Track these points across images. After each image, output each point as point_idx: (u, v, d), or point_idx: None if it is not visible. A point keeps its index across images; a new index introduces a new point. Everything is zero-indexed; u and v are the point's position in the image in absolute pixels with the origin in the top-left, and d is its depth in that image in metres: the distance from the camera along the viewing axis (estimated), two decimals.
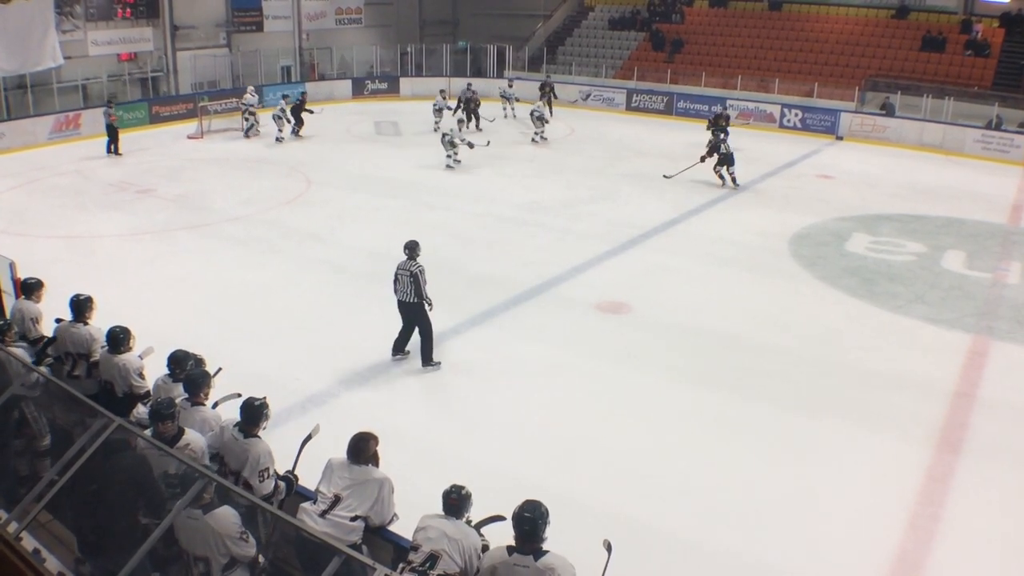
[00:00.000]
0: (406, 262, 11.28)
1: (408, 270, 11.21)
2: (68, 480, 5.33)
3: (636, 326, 13.32)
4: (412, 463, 8.72)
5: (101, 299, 8.85)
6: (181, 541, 5.30)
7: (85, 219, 18.89)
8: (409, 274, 11.19)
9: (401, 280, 11.27)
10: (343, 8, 39.60)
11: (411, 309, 11.37)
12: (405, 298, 11.31)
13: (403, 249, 11.40)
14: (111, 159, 24.68)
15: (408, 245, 11.44)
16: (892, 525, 8.47)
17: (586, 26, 40.67)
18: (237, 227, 18.21)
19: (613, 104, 34.48)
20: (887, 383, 11.45)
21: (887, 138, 28.53)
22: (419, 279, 11.19)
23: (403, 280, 11.25)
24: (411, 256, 11.33)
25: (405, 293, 11.27)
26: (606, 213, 19.40)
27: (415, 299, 11.25)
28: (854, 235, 17.93)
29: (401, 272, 11.27)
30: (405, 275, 11.23)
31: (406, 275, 11.21)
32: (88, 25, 29.87)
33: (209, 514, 5.22)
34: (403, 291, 11.28)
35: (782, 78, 32.39)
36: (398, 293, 11.34)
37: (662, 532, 8.27)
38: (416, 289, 11.20)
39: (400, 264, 11.31)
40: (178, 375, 7.44)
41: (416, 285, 11.19)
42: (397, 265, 11.33)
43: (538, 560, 5.18)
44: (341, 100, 36.02)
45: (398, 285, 11.31)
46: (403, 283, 11.26)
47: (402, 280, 11.26)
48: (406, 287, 11.23)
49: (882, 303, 14.33)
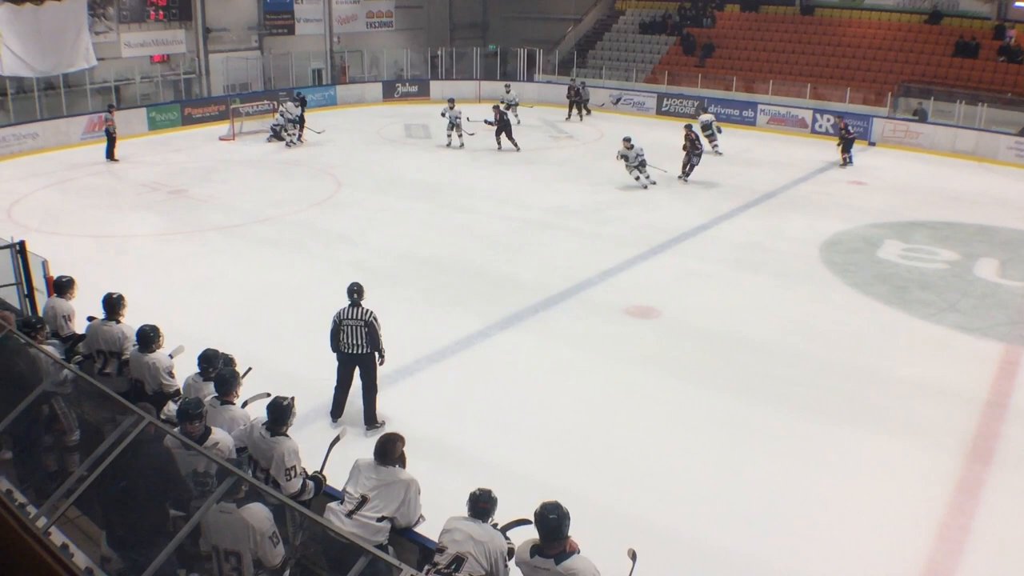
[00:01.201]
0: (354, 310, 9.94)
1: (361, 320, 9.90)
2: (97, 476, 5.36)
3: (665, 331, 13.27)
4: (438, 465, 8.74)
5: (131, 298, 8.94)
6: (211, 538, 5.31)
7: (117, 219, 19.08)
8: (364, 324, 9.89)
9: (350, 330, 9.92)
10: (374, 11, 39.79)
11: (362, 361, 10.10)
12: (355, 350, 9.98)
13: (348, 295, 10.07)
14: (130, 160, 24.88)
15: (355, 289, 10.08)
16: (920, 535, 8.38)
17: (617, 30, 40.59)
18: (267, 228, 18.31)
19: (643, 108, 34.39)
20: (918, 392, 11.34)
21: (920, 144, 28.28)
22: (375, 328, 9.94)
23: (353, 331, 9.92)
24: (357, 303, 10.00)
25: (356, 345, 9.94)
26: (635, 217, 19.35)
27: (367, 350, 10.02)
28: (886, 242, 17.77)
29: (350, 323, 9.92)
30: (357, 325, 9.91)
31: (358, 325, 9.91)
32: (121, 27, 30.23)
33: (244, 508, 5.22)
34: (352, 343, 9.94)
35: (814, 83, 32.18)
36: (343, 346, 9.98)
37: (686, 538, 8.23)
38: (372, 340, 9.96)
39: (344, 313, 9.95)
40: (209, 373, 7.50)
41: (372, 335, 9.94)
42: (338, 315, 9.96)
43: (559, 564, 5.17)
44: (371, 103, 36.19)
45: (343, 336, 9.93)
46: (353, 334, 9.92)
47: (351, 331, 9.92)
48: (357, 338, 9.92)
49: (914, 311, 14.19)
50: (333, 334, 9.96)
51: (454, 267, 15.72)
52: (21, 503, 5.31)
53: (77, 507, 5.65)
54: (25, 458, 6.90)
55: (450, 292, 14.14)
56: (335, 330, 9.94)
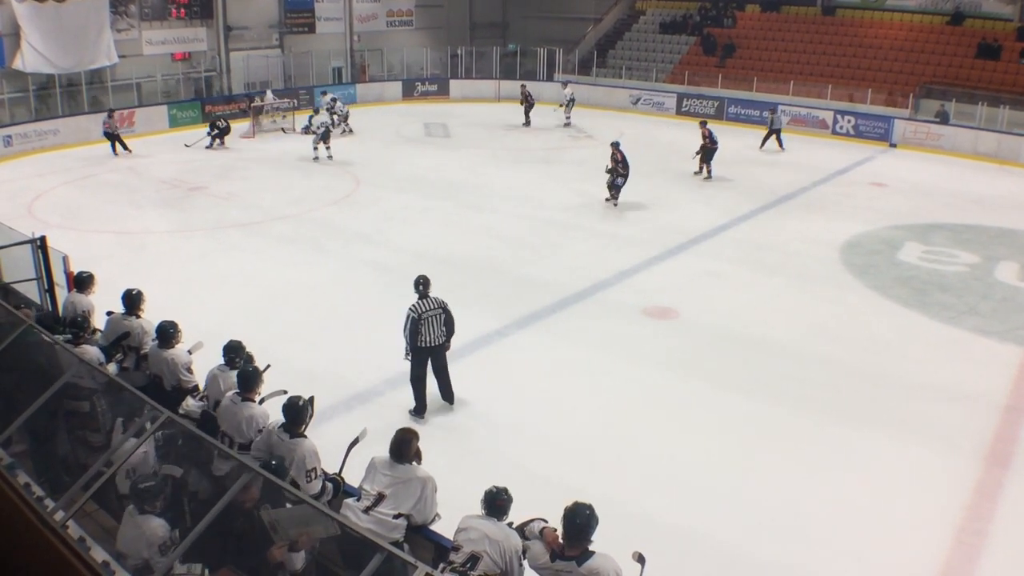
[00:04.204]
0: (428, 301, 9.98)
1: (439, 308, 10.01)
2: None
3: (683, 332, 13.23)
4: (454, 463, 8.74)
5: (150, 294, 9.00)
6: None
7: (137, 215, 19.18)
8: (442, 310, 10.03)
9: (429, 323, 9.94)
10: (394, 10, 39.88)
11: (438, 350, 10.24)
12: (435, 341, 10.07)
13: (418, 287, 10.10)
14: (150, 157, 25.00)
15: (423, 282, 10.10)
16: (938, 540, 8.33)
17: (637, 30, 40.49)
18: (286, 226, 18.37)
19: (663, 108, 34.28)
20: (937, 395, 11.26)
21: (941, 146, 28.08)
22: (450, 313, 10.15)
23: (434, 322, 9.97)
24: (426, 294, 10.03)
25: (436, 336, 10.04)
26: (653, 218, 19.31)
27: (445, 339, 10.19)
28: (906, 244, 17.66)
29: (429, 315, 9.93)
30: (436, 315, 9.98)
31: (437, 314, 9.99)
32: (142, 25, 30.42)
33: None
34: (433, 335, 10.01)
35: (835, 84, 32.01)
36: (423, 341, 9.97)
37: (702, 540, 8.21)
38: (449, 325, 10.16)
39: (421, 307, 9.94)
40: (236, 363, 7.55)
41: (450, 320, 10.14)
42: (415, 310, 9.91)
43: (582, 565, 5.17)
44: (391, 101, 36.28)
45: (424, 330, 9.92)
46: (434, 325, 9.98)
47: (431, 322, 9.95)
48: (437, 329, 10.02)
49: (933, 314, 14.10)
50: (414, 332, 9.94)
51: (472, 266, 15.72)
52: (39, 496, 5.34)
53: (94, 501, 5.68)
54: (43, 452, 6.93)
55: (468, 291, 14.13)
56: (415, 327, 9.91)
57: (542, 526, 5.63)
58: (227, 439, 6.90)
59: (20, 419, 5.89)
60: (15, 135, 24.96)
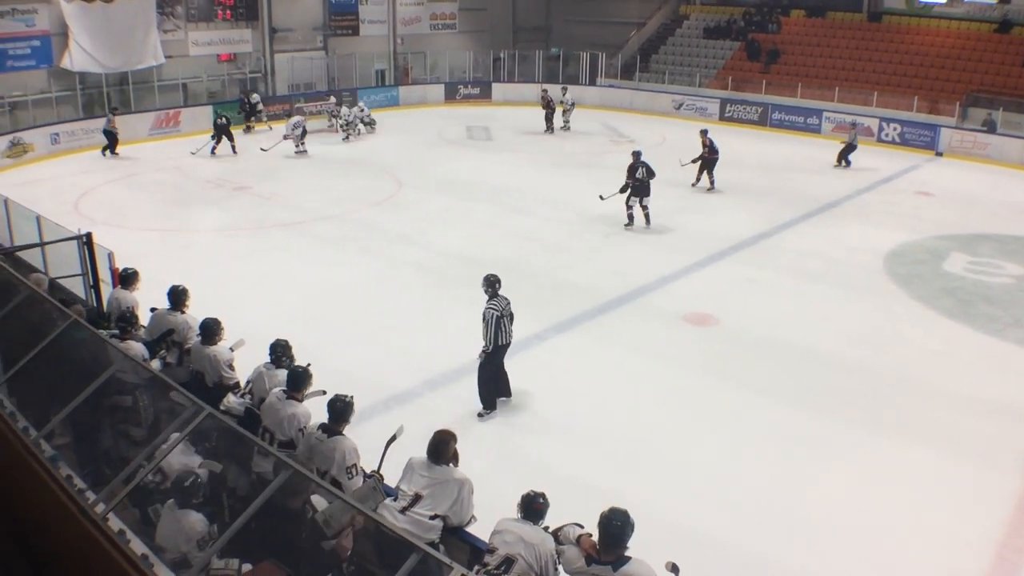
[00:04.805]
0: (503, 299, 10.27)
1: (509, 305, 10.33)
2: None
3: (723, 339, 13.14)
4: (491, 466, 8.75)
5: (193, 291, 9.08)
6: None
7: (181, 214, 19.42)
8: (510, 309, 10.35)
9: (510, 319, 10.27)
10: (437, 13, 40.03)
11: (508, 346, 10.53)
12: (511, 338, 10.41)
13: (492, 285, 10.33)
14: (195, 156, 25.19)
15: (497, 280, 10.38)
16: (978, 555, 8.21)
17: (680, 34, 40.31)
18: (328, 226, 18.50)
19: (706, 114, 34.06)
20: (979, 409, 11.07)
21: (988, 155, 27.68)
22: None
23: (512, 318, 10.33)
24: (497, 293, 10.30)
25: (511, 332, 10.37)
26: (695, 223, 19.21)
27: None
28: (951, 254, 17.42)
29: (509, 310, 10.26)
30: (511, 312, 10.31)
31: (511, 312, 10.32)
32: (189, 26, 30.79)
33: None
34: (511, 330, 10.36)
35: (881, 91, 31.66)
36: (505, 337, 10.28)
37: (735, 549, 8.14)
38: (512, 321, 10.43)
39: (502, 304, 10.21)
40: (282, 362, 7.62)
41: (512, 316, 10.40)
42: (499, 308, 10.15)
43: (617, 571, 5.14)
44: (433, 104, 36.42)
45: (506, 326, 10.22)
46: (512, 322, 10.33)
47: (511, 319, 10.30)
48: (511, 325, 10.35)
49: (978, 326, 13.89)
50: (499, 328, 10.14)
51: (512, 269, 15.59)
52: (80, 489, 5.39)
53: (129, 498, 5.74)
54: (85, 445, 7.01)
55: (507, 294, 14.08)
56: (499, 322, 10.12)
57: (579, 532, 5.61)
58: (268, 435, 6.97)
59: (63, 412, 5.96)
60: (62, 133, 25.34)
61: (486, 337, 10.19)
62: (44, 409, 6.40)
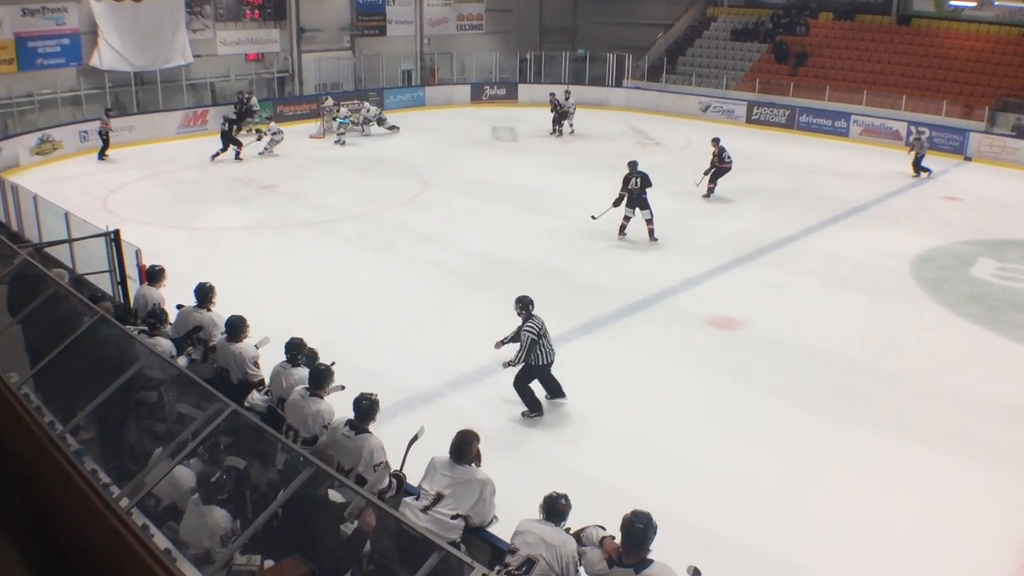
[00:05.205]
0: (538, 318, 10.28)
1: (544, 325, 10.34)
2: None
3: (748, 343, 13.07)
4: (513, 467, 8.74)
5: (219, 289, 9.14)
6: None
7: (208, 212, 19.55)
8: (546, 328, 10.37)
9: (547, 340, 10.32)
10: (464, 14, 40.08)
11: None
12: (551, 357, 10.45)
13: (526, 307, 10.35)
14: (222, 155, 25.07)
15: (530, 301, 10.44)
16: (1001, 562, 8.14)
17: (708, 36, 40.12)
18: (353, 225, 18.57)
19: (733, 116, 33.92)
20: (1005, 417, 10.94)
21: (1017, 161, 27.35)
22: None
23: (548, 338, 10.36)
24: (532, 313, 10.33)
25: (551, 351, 10.41)
26: (720, 226, 19.12)
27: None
28: (979, 260, 17.24)
29: (544, 330, 10.28)
30: (546, 331, 10.34)
31: (546, 330, 10.34)
32: (217, 25, 30.97)
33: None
34: (550, 350, 10.40)
35: (909, 95, 31.40)
36: (547, 356, 10.36)
37: (756, 553, 8.11)
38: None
39: (541, 323, 10.25)
40: (298, 361, 7.66)
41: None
42: (538, 327, 10.19)
43: (640, 573, 5.14)
44: (459, 104, 36.44)
45: (546, 343, 10.29)
46: (549, 341, 10.36)
47: (548, 339, 10.34)
48: (551, 343, 10.41)
49: (1005, 332, 13.74)
50: (534, 348, 10.17)
51: (536, 270, 15.69)
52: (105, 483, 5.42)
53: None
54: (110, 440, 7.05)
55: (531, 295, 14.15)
56: (535, 344, 10.15)
57: (601, 534, 5.60)
58: (292, 432, 7.00)
59: (90, 407, 6.00)
60: (91, 131, 25.51)
61: (517, 354, 10.26)
62: (70, 404, 6.45)
